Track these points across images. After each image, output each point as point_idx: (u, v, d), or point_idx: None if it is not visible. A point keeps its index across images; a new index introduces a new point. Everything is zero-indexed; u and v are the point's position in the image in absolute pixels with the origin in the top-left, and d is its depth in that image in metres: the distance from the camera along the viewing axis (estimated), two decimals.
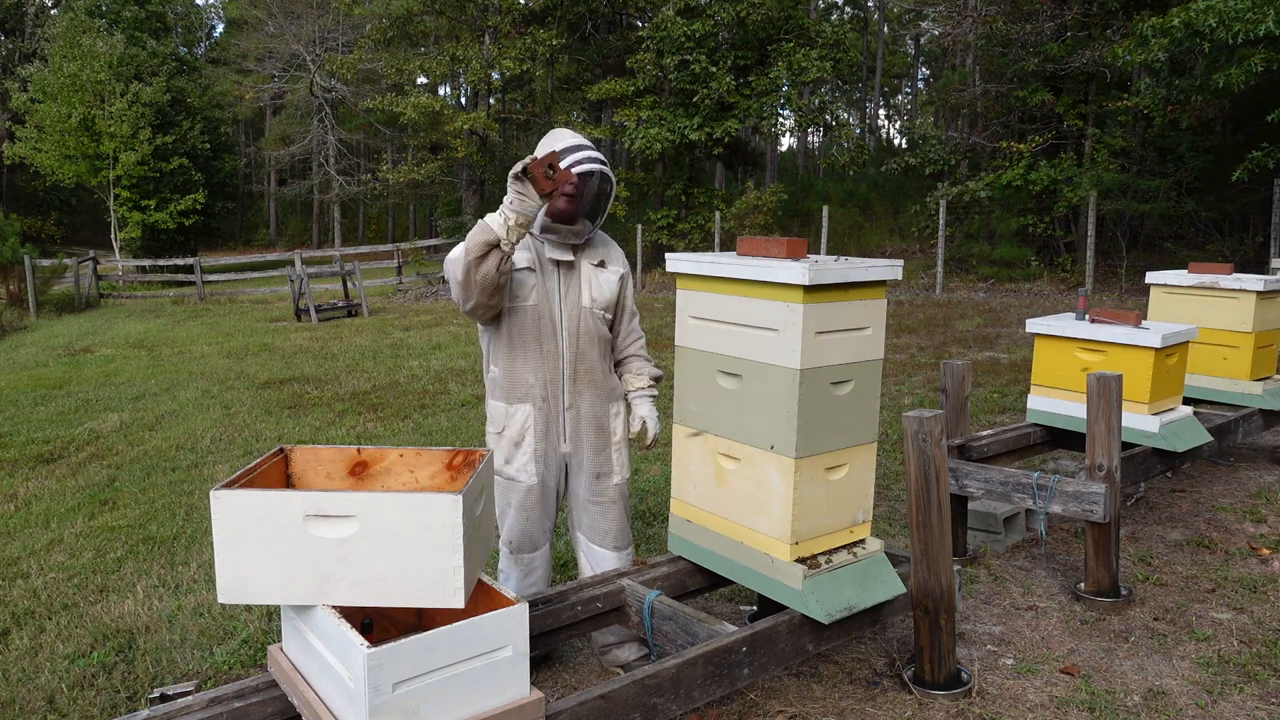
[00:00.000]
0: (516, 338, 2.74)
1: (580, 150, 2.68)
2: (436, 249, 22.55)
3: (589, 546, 2.91)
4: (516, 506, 2.83)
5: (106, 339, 13.08)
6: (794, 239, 2.35)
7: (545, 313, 2.73)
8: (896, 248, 19.63)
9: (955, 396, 3.74)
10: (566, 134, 2.78)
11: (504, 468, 2.81)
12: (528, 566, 2.89)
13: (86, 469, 5.88)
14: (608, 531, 2.88)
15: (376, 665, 1.68)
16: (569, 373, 2.76)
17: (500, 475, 2.83)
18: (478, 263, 2.49)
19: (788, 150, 40.07)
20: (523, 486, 2.80)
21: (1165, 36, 11.16)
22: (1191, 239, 15.21)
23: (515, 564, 2.89)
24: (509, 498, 2.83)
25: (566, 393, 2.77)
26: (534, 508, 2.83)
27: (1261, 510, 4.20)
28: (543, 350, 2.74)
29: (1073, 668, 2.85)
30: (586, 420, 2.81)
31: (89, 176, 24.96)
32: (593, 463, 2.84)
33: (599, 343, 2.82)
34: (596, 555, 2.90)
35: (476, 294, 2.55)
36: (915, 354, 8.88)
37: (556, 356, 2.75)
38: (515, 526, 2.85)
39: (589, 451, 2.83)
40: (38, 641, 3.33)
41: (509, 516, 2.85)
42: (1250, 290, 4.36)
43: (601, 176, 2.72)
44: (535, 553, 2.88)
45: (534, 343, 2.73)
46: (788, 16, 19.17)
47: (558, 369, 2.75)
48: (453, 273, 2.63)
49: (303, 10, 28.87)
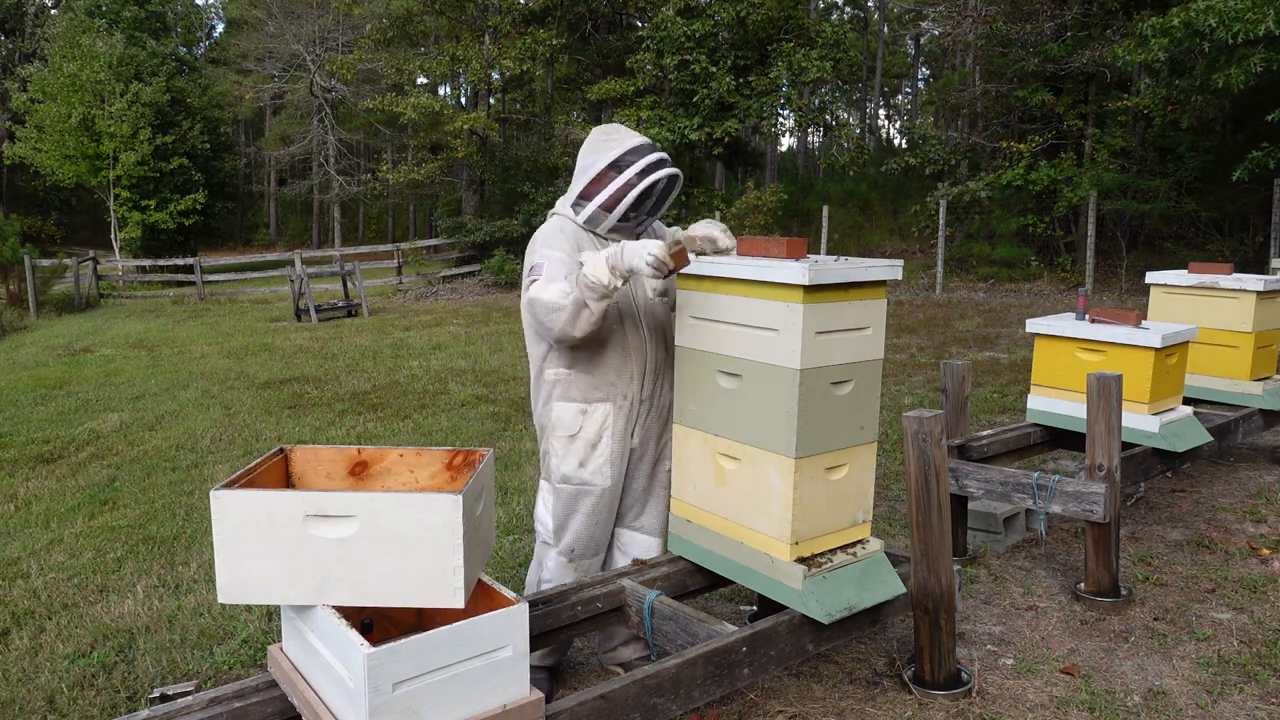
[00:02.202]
0: (604, 337, 2.67)
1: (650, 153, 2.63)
2: (436, 249, 22.53)
3: (631, 536, 2.87)
4: (587, 513, 2.72)
5: (106, 339, 13.08)
6: (794, 239, 2.34)
7: (626, 309, 2.69)
8: (896, 248, 19.62)
9: (955, 396, 3.74)
10: (626, 132, 2.71)
11: (577, 472, 2.70)
12: (584, 571, 2.79)
13: (86, 469, 5.88)
14: (659, 515, 2.87)
15: (376, 665, 1.68)
16: (651, 366, 2.74)
17: (568, 482, 2.71)
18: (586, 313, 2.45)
19: (788, 150, 40.07)
20: (597, 490, 2.71)
21: (1165, 36, 11.15)
22: (1191, 239, 15.20)
23: (573, 570, 2.76)
24: (577, 504, 2.72)
25: (649, 385, 2.74)
26: (604, 511, 2.75)
27: (1261, 510, 4.20)
28: (627, 347, 2.69)
29: (1073, 668, 2.85)
30: (658, 410, 2.79)
31: (89, 176, 24.94)
32: (655, 451, 2.82)
33: (669, 330, 2.79)
34: (639, 543, 2.87)
35: (584, 333, 2.50)
36: (915, 354, 8.88)
37: (641, 351, 2.72)
38: (583, 534, 2.74)
39: (654, 441, 2.81)
40: (38, 641, 3.33)
41: (575, 524, 2.73)
42: (1250, 290, 4.36)
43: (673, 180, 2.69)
44: (597, 557, 2.81)
45: (623, 341, 2.69)
46: (788, 16, 19.16)
47: (642, 363, 2.72)
48: (555, 322, 2.50)
49: (303, 10, 28.85)
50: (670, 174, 2.62)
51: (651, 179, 2.59)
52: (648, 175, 2.59)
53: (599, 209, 2.63)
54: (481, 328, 12.38)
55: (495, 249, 18.98)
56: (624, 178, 2.59)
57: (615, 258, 2.39)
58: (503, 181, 20.69)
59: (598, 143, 2.69)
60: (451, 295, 17.84)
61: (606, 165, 2.63)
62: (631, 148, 2.63)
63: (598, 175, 2.64)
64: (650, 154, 2.63)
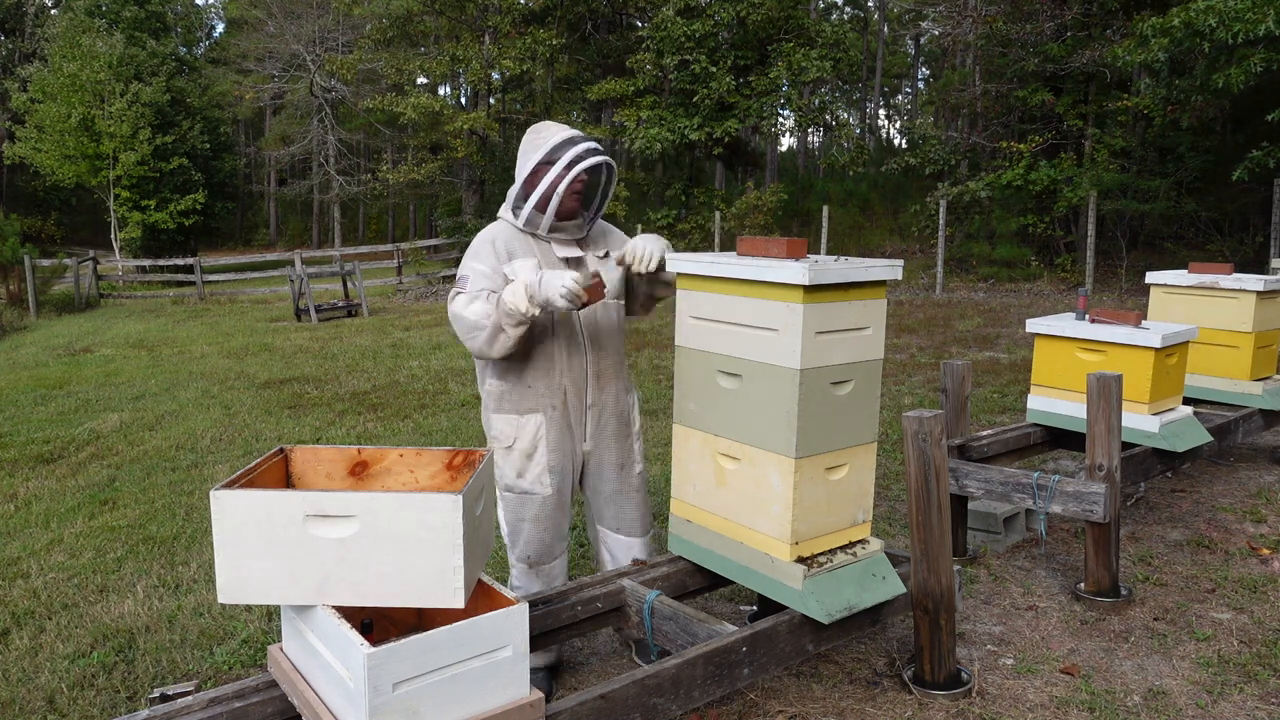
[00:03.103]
0: (535, 348, 2.67)
1: (579, 143, 2.60)
2: (436, 249, 22.55)
3: (614, 538, 2.88)
4: (532, 520, 2.75)
5: (106, 339, 13.08)
6: (794, 239, 2.34)
7: (559, 320, 2.67)
8: (896, 248, 19.62)
9: (955, 396, 3.74)
10: (554, 128, 2.68)
11: (516, 482, 2.73)
12: (548, 577, 2.81)
13: (86, 469, 5.88)
14: (635, 520, 2.88)
15: (376, 665, 1.68)
16: (592, 371, 2.73)
17: (511, 491, 2.74)
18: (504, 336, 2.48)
19: (788, 150, 40.07)
20: (538, 499, 2.73)
21: (1165, 36, 11.15)
22: (1191, 239, 15.20)
23: (536, 577, 2.79)
24: (523, 512, 2.75)
25: (590, 391, 2.73)
26: (550, 518, 2.76)
27: (1261, 510, 4.20)
28: (566, 355, 2.68)
29: (1073, 668, 2.85)
30: (609, 415, 2.79)
31: (89, 176, 24.96)
32: (617, 454, 2.82)
33: (617, 334, 2.80)
34: (622, 544, 2.88)
35: (501, 354, 2.53)
36: (915, 354, 8.88)
37: (580, 358, 2.71)
38: (533, 540, 2.76)
39: (613, 444, 2.81)
40: (38, 641, 3.33)
41: (524, 531, 2.75)
42: (1250, 290, 4.35)
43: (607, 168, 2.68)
44: (554, 562, 2.82)
45: (550, 350, 2.67)
46: (788, 16, 19.17)
47: (582, 370, 2.71)
48: (475, 341, 2.53)
49: (303, 10, 28.85)
50: (597, 162, 2.60)
51: (579, 168, 2.57)
52: (575, 166, 2.57)
53: (534, 210, 2.63)
54: None
55: None
56: (553, 173, 2.57)
57: (534, 287, 2.42)
58: (503, 181, 20.69)
59: (528, 143, 2.69)
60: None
61: (538, 163, 2.61)
62: (558, 142, 2.60)
63: (529, 174, 2.63)
64: (578, 145, 2.59)
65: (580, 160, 2.57)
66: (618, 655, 3.08)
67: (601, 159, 2.62)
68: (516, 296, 2.44)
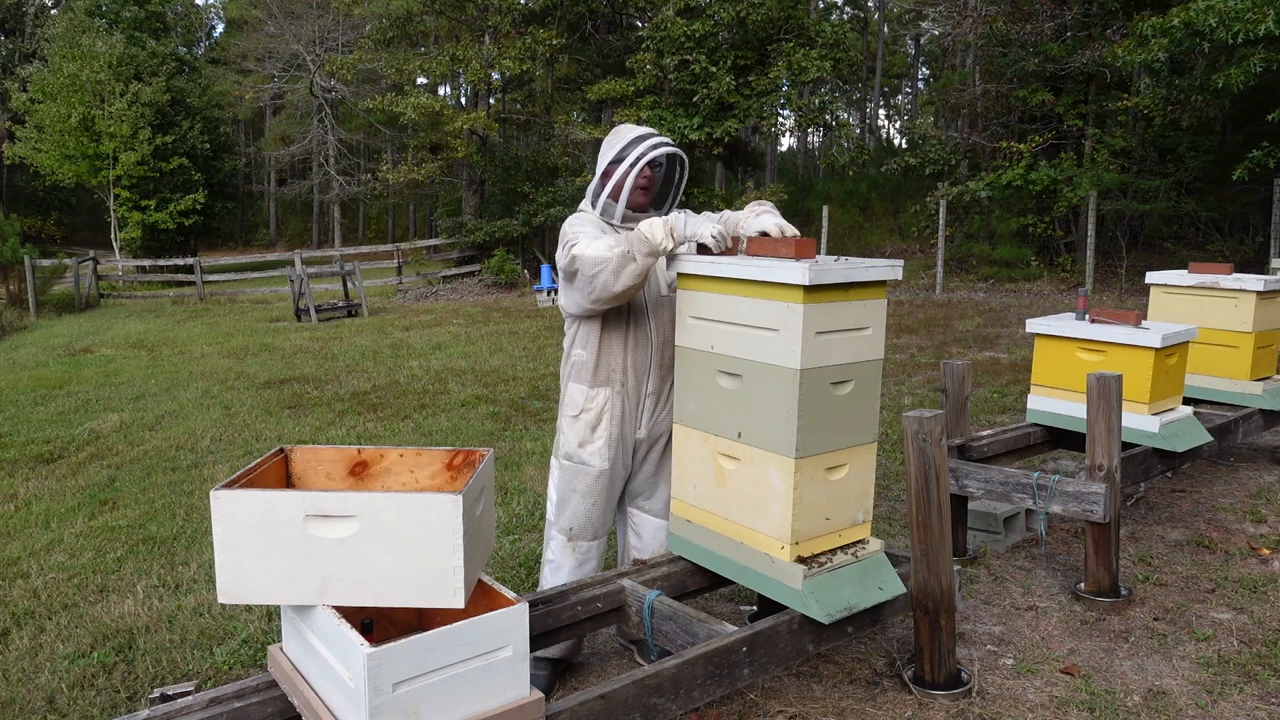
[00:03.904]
0: (611, 324, 2.79)
1: (647, 140, 2.75)
2: (436, 249, 22.53)
3: (646, 520, 2.98)
4: (583, 492, 2.85)
5: (106, 339, 13.08)
6: (803, 239, 2.34)
7: (640, 304, 2.80)
8: (896, 248, 19.62)
9: (955, 396, 3.74)
10: (628, 128, 2.86)
11: (577, 451, 2.84)
12: (584, 555, 2.89)
13: (86, 469, 5.88)
14: (668, 500, 2.93)
15: (376, 665, 1.68)
16: (656, 359, 2.84)
17: (570, 459, 2.86)
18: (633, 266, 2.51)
19: (788, 150, 40.09)
20: (593, 471, 2.84)
21: (1165, 36, 11.16)
22: (1191, 239, 15.20)
23: (571, 552, 2.88)
24: (575, 483, 2.85)
25: (653, 378, 2.85)
26: (601, 493, 2.86)
27: (1261, 510, 4.20)
28: (634, 337, 2.80)
29: (1073, 668, 2.85)
30: (664, 404, 2.88)
31: (89, 176, 24.94)
32: (665, 440, 2.91)
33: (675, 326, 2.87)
34: (652, 527, 2.97)
35: (625, 286, 2.55)
36: (915, 354, 8.88)
37: (646, 344, 2.82)
38: (579, 512, 2.86)
39: (663, 432, 2.90)
40: (38, 641, 3.33)
41: (572, 502, 2.86)
42: (1250, 290, 4.36)
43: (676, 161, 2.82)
44: (594, 541, 2.90)
45: (626, 329, 2.80)
46: (788, 16, 19.15)
47: (647, 355, 2.83)
48: (599, 276, 2.56)
49: (303, 10, 28.85)
50: (660, 154, 2.74)
51: (649, 157, 2.71)
52: (641, 160, 2.72)
53: (608, 199, 2.81)
54: (481, 328, 12.38)
55: (495, 249, 18.98)
56: (625, 164, 2.74)
57: (677, 223, 2.51)
58: (503, 181, 20.69)
59: (605, 144, 2.88)
60: (451, 295, 17.84)
61: (611, 160, 2.81)
62: (632, 139, 2.78)
63: (605, 169, 2.82)
64: (647, 140, 2.76)
65: (646, 155, 2.73)
66: (618, 655, 3.08)
67: (664, 151, 2.75)
68: (654, 228, 2.51)
